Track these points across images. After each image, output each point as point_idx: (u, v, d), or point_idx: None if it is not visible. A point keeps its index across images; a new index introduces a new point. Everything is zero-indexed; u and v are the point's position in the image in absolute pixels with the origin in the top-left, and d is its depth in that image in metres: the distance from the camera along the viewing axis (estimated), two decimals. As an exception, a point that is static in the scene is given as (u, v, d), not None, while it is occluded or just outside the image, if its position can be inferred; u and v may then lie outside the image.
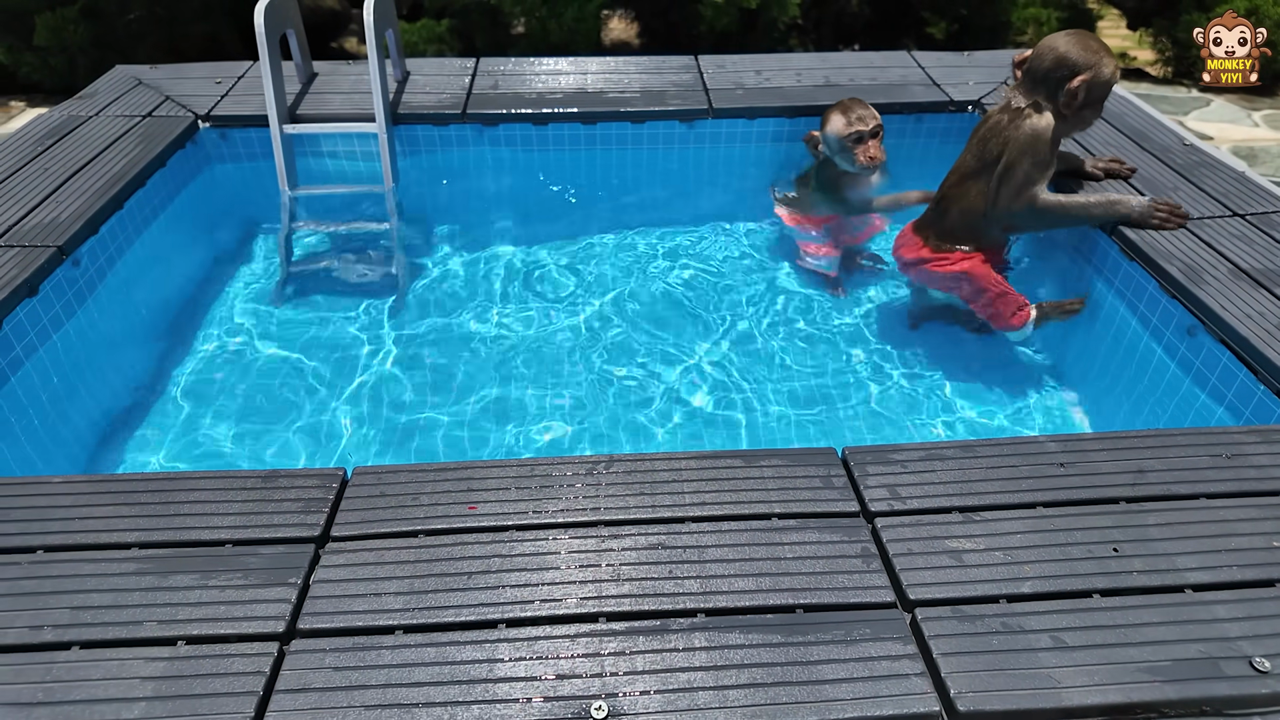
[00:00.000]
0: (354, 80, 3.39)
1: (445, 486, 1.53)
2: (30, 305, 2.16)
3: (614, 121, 3.26)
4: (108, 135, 2.91)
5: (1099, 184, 2.60)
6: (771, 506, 1.49)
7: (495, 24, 5.30)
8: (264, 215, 3.21)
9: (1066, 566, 1.39)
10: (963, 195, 2.48)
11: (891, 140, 3.39)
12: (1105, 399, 2.39)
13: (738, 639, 1.27)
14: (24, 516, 1.46)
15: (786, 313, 2.83)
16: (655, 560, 1.40)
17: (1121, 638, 1.27)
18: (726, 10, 5.16)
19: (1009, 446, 1.64)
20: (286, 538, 1.43)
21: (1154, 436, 1.66)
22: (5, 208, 2.45)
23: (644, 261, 3.08)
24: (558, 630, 1.29)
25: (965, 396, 2.49)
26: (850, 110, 2.72)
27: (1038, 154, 2.32)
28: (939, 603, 1.33)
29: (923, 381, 2.54)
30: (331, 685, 1.20)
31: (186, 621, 1.29)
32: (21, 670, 1.22)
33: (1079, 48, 2.30)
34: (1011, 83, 2.45)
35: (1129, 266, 2.35)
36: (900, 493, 1.52)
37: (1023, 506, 1.50)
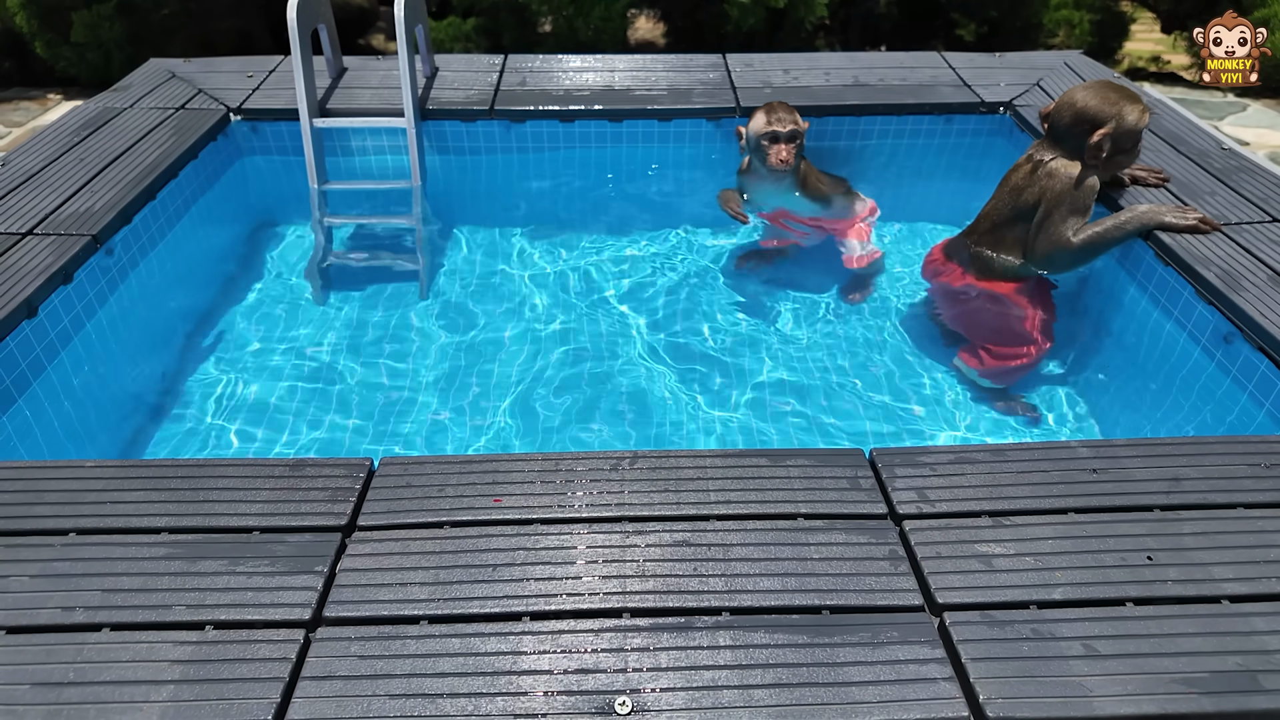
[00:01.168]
0: (383, 75, 3.41)
1: (471, 479, 1.54)
2: (65, 292, 2.19)
3: (641, 119, 3.26)
4: (141, 127, 2.95)
5: (1128, 189, 2.56)
6: (798, 506, 1.48)
7: (522, 22, 5.32)
8: (292, 207, 3.24)
9: (1099, 574, 1.36)
10: (997, 242, 2.47)
11: (920, 141, 3.37)
12: (1137, 405, 2.35)
13: (763, 638, 1.26)
14: (57, 500, 1.48)
15: (814, 311, 2.81)
16: (680, 557, 1.39)
17: (1156, 647, 1.25)
18: (753, 10, 5.14)
19: (1040, 451, 1.62)
20: (313, 526, 1.43)
21: (1190, 444, 1.63)
22: (42, 197, 2.49)
23: (668, 258, 3.08)
24: (582, 624, 1.29)
25: (993, 399, 2.45)
26: (773, 111, 2.69)
27: (1075, 203, 2.30)
28: (968, 607, 1.31)
29: (950, 384, 2.51)
30: (356, 674, 1.21)
31: (214, 606, 1.30)
32: (53, 650, 1.23)
33: (1098, 100, 2.26)
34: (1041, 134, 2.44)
35: (1164, 271, 2.30)
36: (929, 495, 1.50)
37: (1054, 512, 1.48)
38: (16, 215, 2.39)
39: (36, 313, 2.09)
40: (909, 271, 3.00)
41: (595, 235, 3.21)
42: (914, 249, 3.13)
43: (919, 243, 3.16)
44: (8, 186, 2.54)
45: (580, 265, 3.05)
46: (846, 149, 3.33)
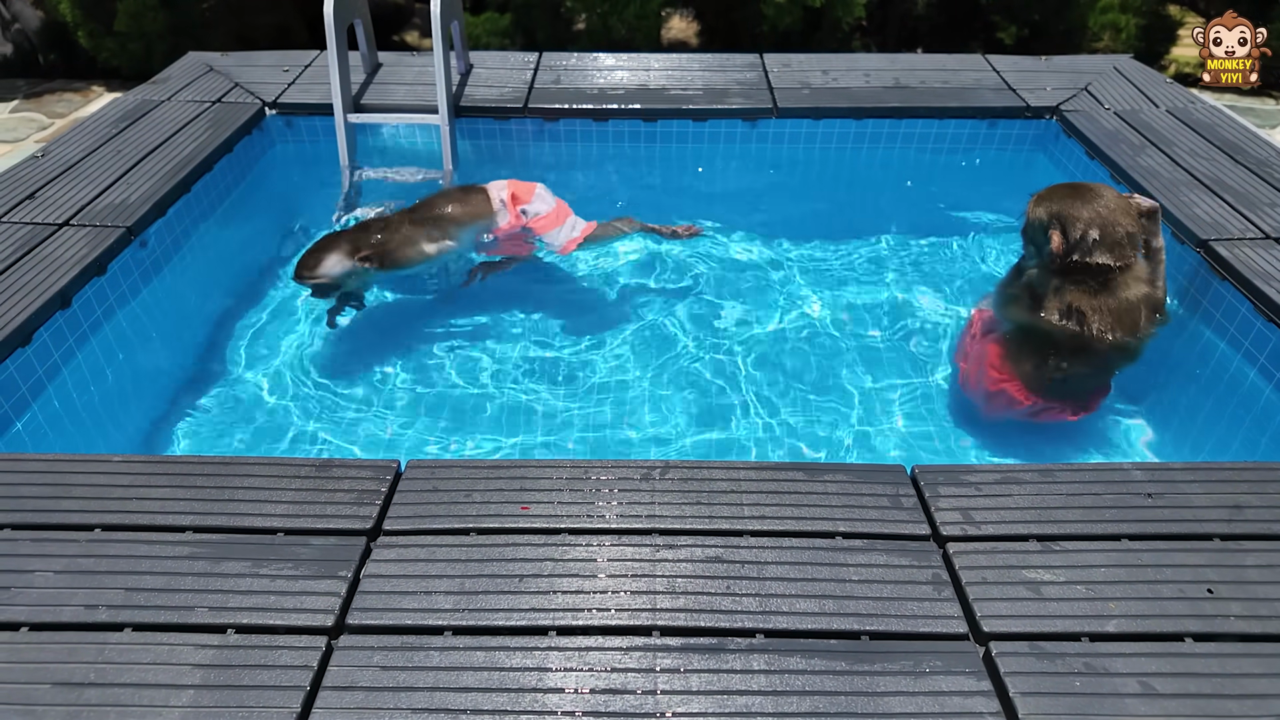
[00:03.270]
0: (417, 72, 3.40)
1: (498, 484, 1.50)
2: (98, 284, 2.20)
3: (675, 119, 3.21)
4: (178, 120, 2.96)
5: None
6: (836, 524, 1.42)
7: (556, 19, 5.29)
8: (325, 202, 3.23)
9: (1156, 606, 1.29)
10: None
11: (962, 147, 3.28)
12: (1189, 426, 2.25)
13: (799, 664, 1.20)
14: (84, 494, 1.47)
15: (850, 322, 2.73)
16: (712, 574, 1.34)
17: (1218, 688, 1.17)
18: (790, 10, 5.07)
19: (1091, 473, 1.54)
20: (338, 529, 1.41)
21: (1252, 469, 1.55)
22: (80, 188, 2.50)
23: (702, 261, 3.02)
24: (610, 641, 1.24)
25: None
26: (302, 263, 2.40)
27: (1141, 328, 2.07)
28: (1015, 637, 1.24)
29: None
30: (379, 685, 1.18)
31: (237, 610, 1.27)
32: (75, 649, 1.22)
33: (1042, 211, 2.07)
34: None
35: (1220, 286, 2.21)
36: (974, 516, 1.43)
37: (1106, 538, 1.41)
38: (54, 206, 2.40)
39: (70, 303, 2.10)
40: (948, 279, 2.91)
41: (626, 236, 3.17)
42: (953, 254, 3.04)
43: (959, 250, 3.07)
44: (47, 177, 2.56)
45: (613, 264, 3.00)
46: (886, 153, 3.26)
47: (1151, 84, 3.29)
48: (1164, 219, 2.41)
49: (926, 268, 2.97)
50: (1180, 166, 2.66)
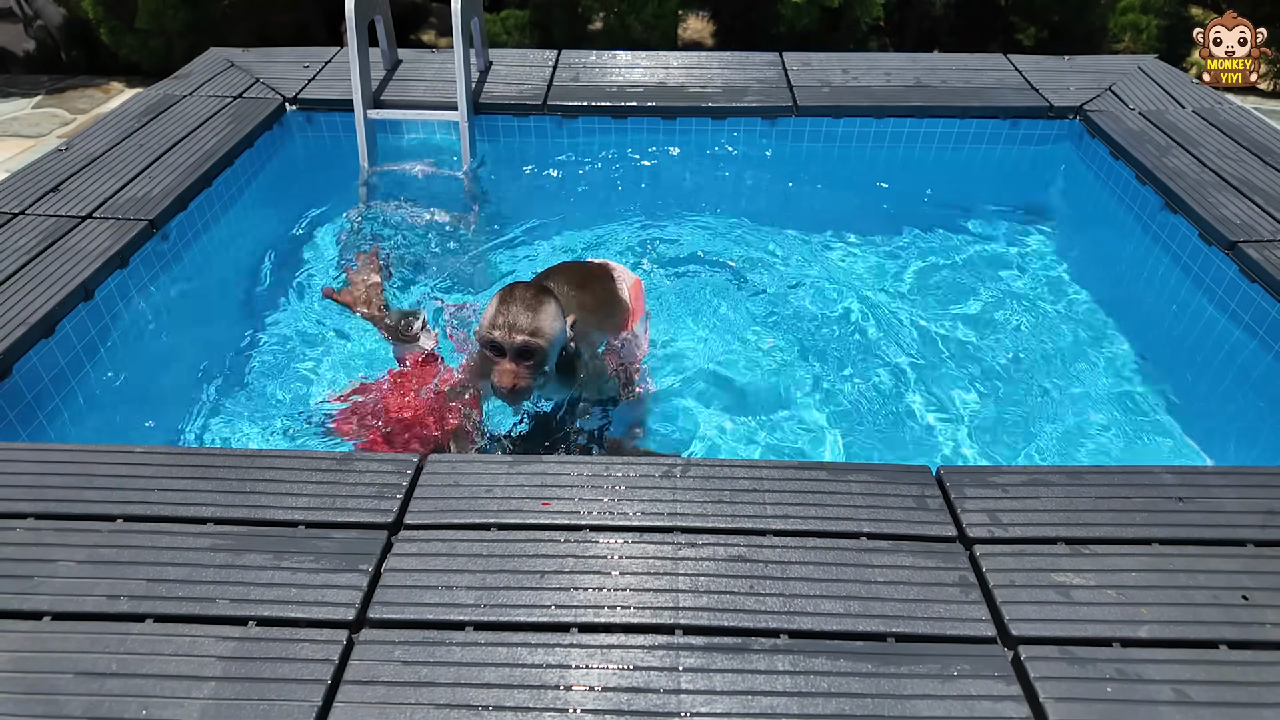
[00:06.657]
0: (437, 69, 3.40)
1: (519, 480, 1.49)
2: (120, 276, 2.21)
3: (694, 117, 3.20)
4: (200, 114, 2.97)
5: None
6: (860, 525, 1.40)
7: (574, 18, 5.29)
8: (344, 197, 3.24)
9: (1189, 612, 1.26)
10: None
11: (983, 146, 3.24)
12: (1216, 429, 2.22)
13: (824, 665, 1.19)
14: (107, 485, 1.47)
15: (876, 321, 2.71)
16: (735, 574, 1.33)
17: (1255, 697, 1.15)
18: (807, 10, 5.04)
19: (1120, 476, 1.52)
20: (360, 522, 1.40)
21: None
22: (102, 181, 2.51)
23: (722, 259, 3.01)
24: (632, 639, 1.23)
25: (1065, 418, 2.33)
26: (507, 307, 1.76)
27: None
28: (1045, 641, 1.22)
29: (1019, 401, 2.40)
30: (400, 680, 1.17)
31: (258, 602, 1.27)
32: (98, 639, 1.22)
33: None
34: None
35: (1249, 288, 2.17)
36: (1001, 519, 1.41)
37: (1137, 542, 1.38)
38: (77, 199, 2.42)
39: (93, 296, 2.10)
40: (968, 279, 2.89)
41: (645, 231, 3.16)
42: (973, 255, 3.01)
43: (979, 250, 3.04)
44: (70, 170, 2.57)
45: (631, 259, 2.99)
46: (906, 152, 3.23)
47: (1177, 84, 3.25)
48: (1191, 220, 2.38)
49: (946, 268, 2.94)
50: (1208, 167, 2.62)
